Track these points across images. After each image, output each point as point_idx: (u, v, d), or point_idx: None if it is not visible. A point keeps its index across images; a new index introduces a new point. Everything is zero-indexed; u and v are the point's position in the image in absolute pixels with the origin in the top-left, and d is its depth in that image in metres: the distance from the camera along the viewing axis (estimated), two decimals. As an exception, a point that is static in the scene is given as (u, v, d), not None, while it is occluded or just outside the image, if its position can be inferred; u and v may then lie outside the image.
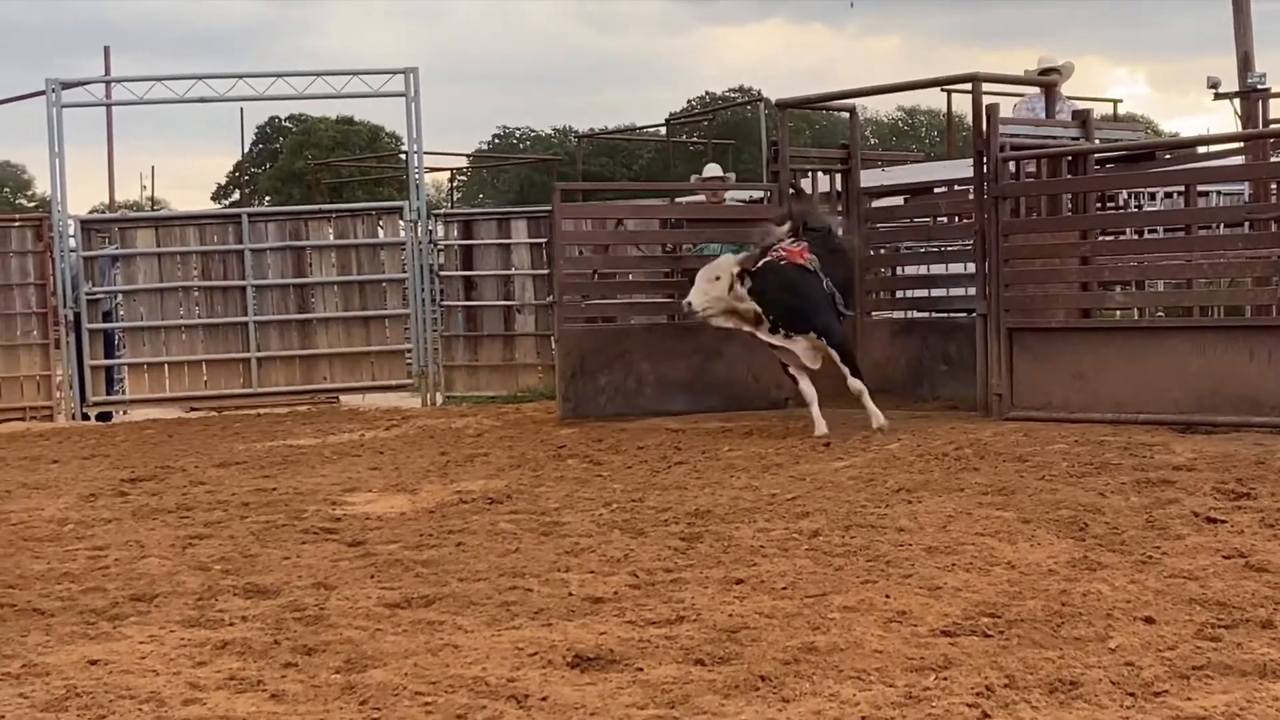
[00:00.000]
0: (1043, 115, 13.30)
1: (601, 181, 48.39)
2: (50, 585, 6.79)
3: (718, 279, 11.56)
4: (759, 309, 11.68)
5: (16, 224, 17.27)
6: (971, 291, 12.72)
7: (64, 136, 16.66)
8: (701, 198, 16.93)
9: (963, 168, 14.29)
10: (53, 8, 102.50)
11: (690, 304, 11.66)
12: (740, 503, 8.30)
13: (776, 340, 11.85)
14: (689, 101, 66.27)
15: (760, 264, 11.79)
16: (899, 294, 14.68)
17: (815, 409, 11.70)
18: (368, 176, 43.39)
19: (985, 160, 12.15)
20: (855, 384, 11.73)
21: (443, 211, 20.22)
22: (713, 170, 17.43)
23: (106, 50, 27.25)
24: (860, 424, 11.56)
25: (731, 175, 16.43)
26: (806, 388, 11.87)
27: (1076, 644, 5.11)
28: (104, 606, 6.26)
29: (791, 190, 13.85)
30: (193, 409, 17.00)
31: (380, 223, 17.50)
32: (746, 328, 11.91)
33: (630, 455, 10.75)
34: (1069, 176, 12.33)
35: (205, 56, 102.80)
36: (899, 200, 15.03)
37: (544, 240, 16.93)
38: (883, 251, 14.73)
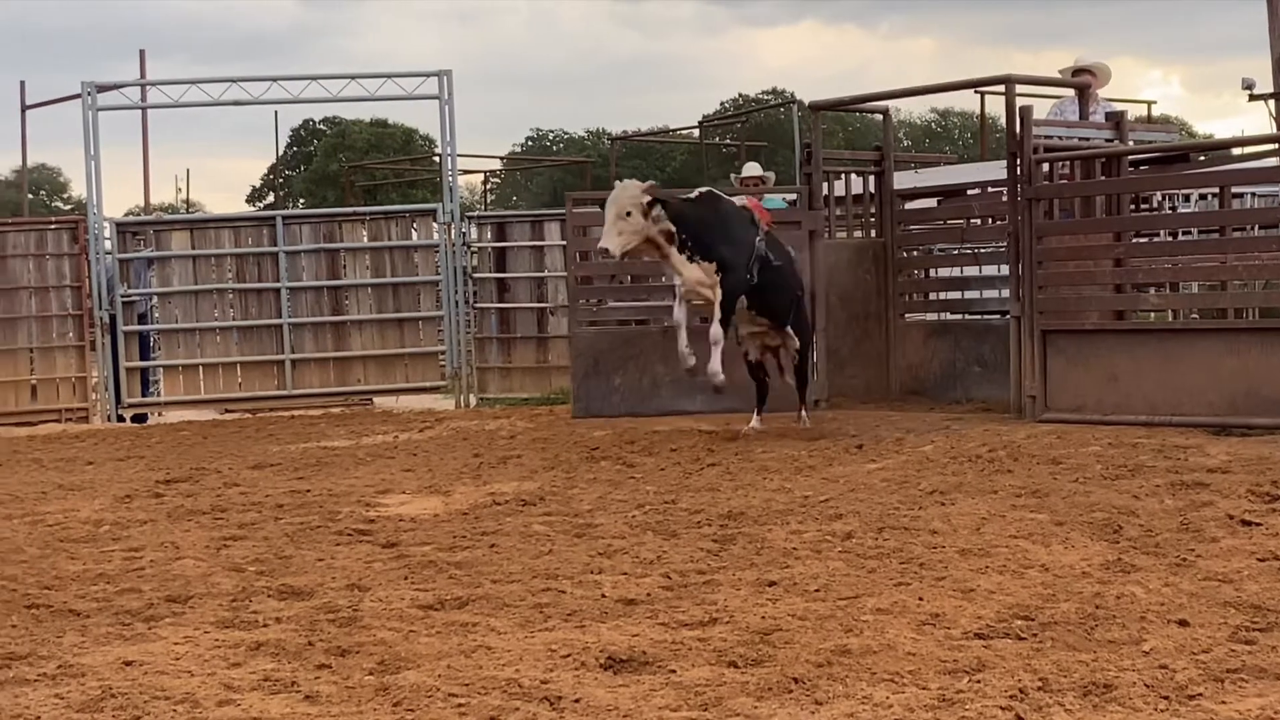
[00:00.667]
0: (1076, 117, 13.25)
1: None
2: (86, 586, 6.82)
3: (629, 214, 10.96)
4: (673, 229, 11.20)
5: (53, 226, 17.39)
6: (1005, 294, 12.70)
7: (100, 139, 16.76)
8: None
9: (996, 169, 14.25)
10: (89, 12, 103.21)
11: (607, 249, 11.01)
12: (773, 505, 8.29)
13: (681, 263, 11.28)
14: (722, 104, 66.35)
15: (697, 193, 11.59)
16: (932, 296, 14.65)
17: (682, 335, 11.46)
18: (401, 179, 43.53)
19: (1019, 162, 12.12)
20: (715, 330, 11.31)
21: (476, 214, 20.25)
22: (752, 170, 17.43)
23: (142, 54, 27.36)
24: (895, 425, 11.54)
25: (771, 175, 16.40)
26: (679, 314, 11.50)
27: (1110, 647, 5.09)
28: (139, 607, 6.28)
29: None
30: (227, 411, 17.08)
31: (414, 225, 17.57)
32: (660, 254, 11.43)
33: (663, 457, 10.76)
34: (1103, 178, 12.28)
35: (240, 60, 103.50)
36: (932, 202, 15.01)
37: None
38: (916, 254, 14.72)
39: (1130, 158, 12.61)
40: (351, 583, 6.64)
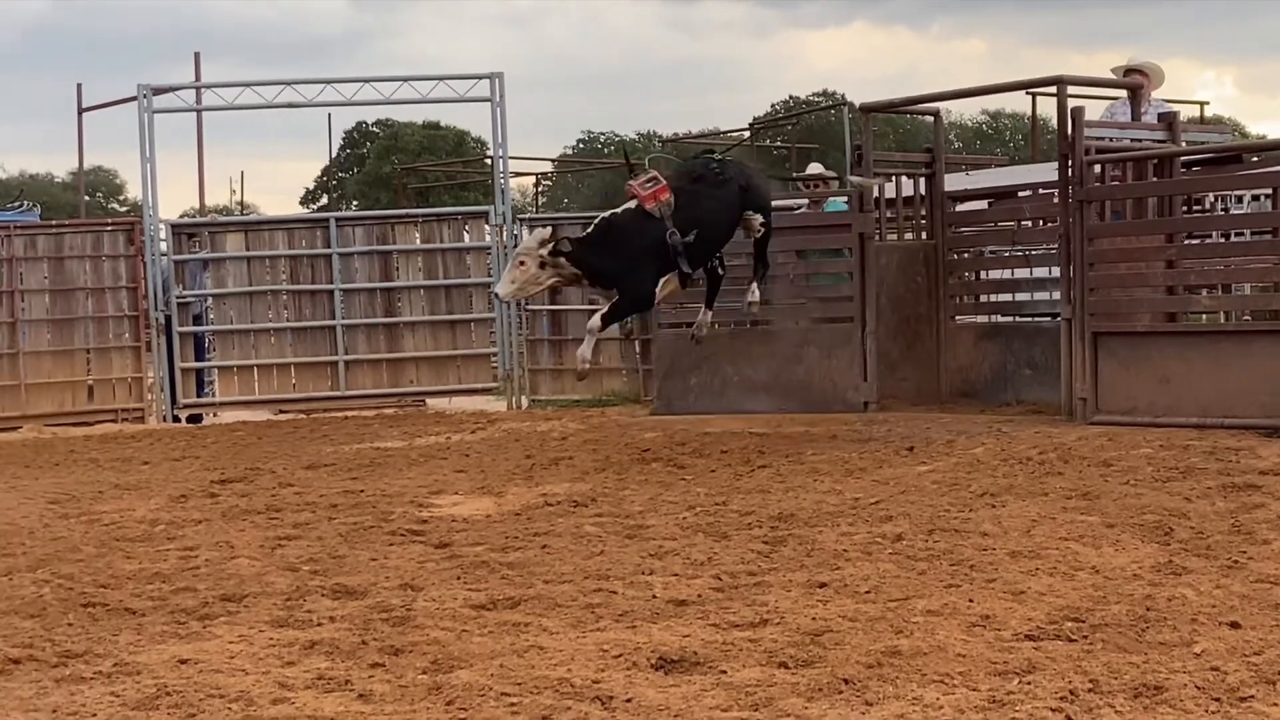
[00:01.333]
0: (1128, 119, 13.19)
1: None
2: (142, 585, 6.90)
3: (523, 263, 10.92)
4: (578, 271, 11.04)
5: (109, 228, 17.52)
6: (1056, 296, 12.65)
7: (155, 142, 16.89)
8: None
9: (1047, 171, 14.19)
10: (144, 16, 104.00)
11: (496, 294, 11.54)
12: (823, 506, 8.30)
13: (599, 293, 11.48)
14: (772, 105, 66.17)
15: (608, 216, 11.23)
16: (983, 298, 14.61)
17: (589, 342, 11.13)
18: (453, 181, 43.65)
19: (1070, 163, 12.07)
20: (593, 321, 11.01)
21: (527, 216, 20.33)
22: (815, 169, 17.38)
23: (197, 57, 27.52)
24: (946, 427, 11.52)
25: (833, 174, 16.40)
26: (594, 320, 11.11)
27: (1161, 649, 5.09)
28: (194, 606, 6.35)
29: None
30: (282, 411, 17.19)
31: (466, 227, 17.65)
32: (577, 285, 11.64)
33: (714, 459, 10.77)
34: (1155, 180, 12.22)
35: (294, 62, 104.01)
36: (983, 204, 14.96)
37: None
38: (967, 256, 14.68)
39: (1182, 159, 12.53)
40: (405, 582, 6.69)
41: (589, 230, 11.24)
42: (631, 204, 10.99)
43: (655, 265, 10.95)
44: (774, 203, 15.35)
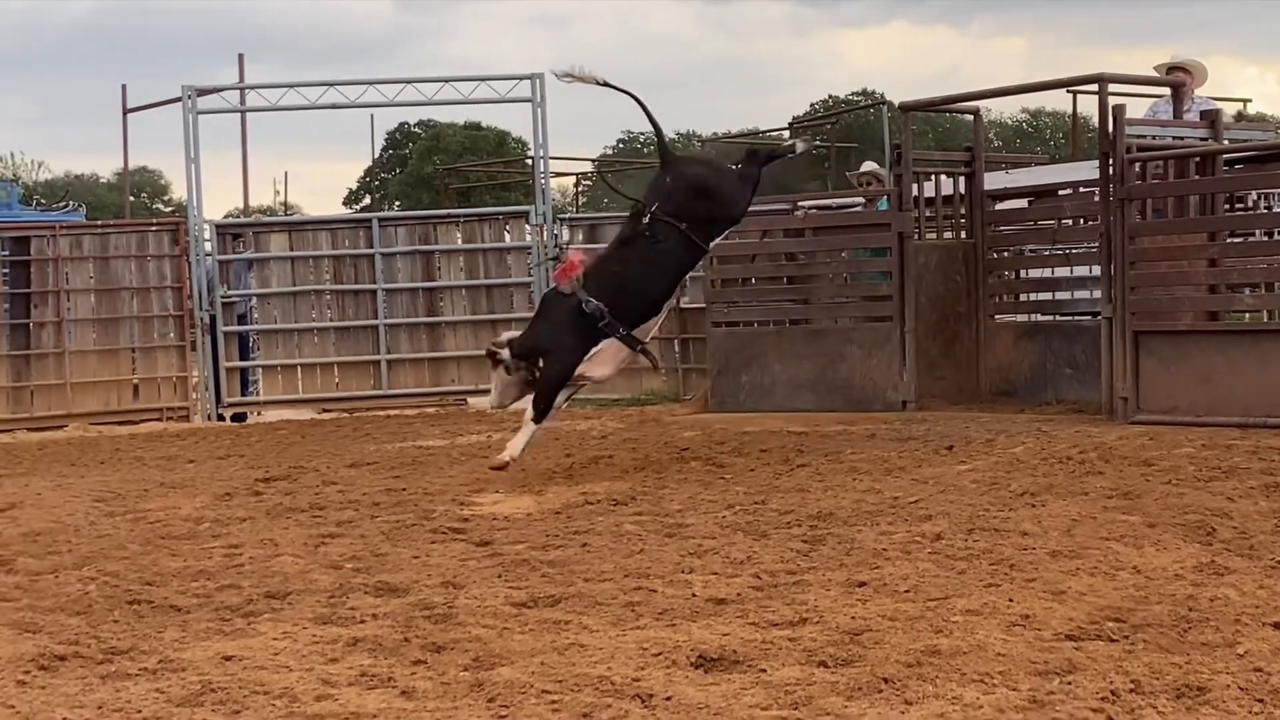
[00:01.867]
0: (1170, 117, 13.12)
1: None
2: (186, 582, 6.95)
3: (495, 369, 10.60)
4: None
5: (154, 228, 17.67)
6: (1096, 294, 12.60)
7: (199, 142, 17.03)
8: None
9: (1088, 169, 14.14)
10: (189, 17, 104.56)
11: (493, 406, 10.98)
12: (862, 505, 8.29)
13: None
14: (812, 105, 66.08)
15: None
16: (1023, 297, 14.58)
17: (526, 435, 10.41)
18: (494, 181, 43.77)
19: (1111, 162, 12.02)
20: (528, 417, 10.39)
21: (568, 216, 20.38)
22: (868, 167, 17.36)
23: (241, 58, 27.76)
24: (985, 427, 11.49)
25: (884, 172, 16.38)
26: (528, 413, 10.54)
27: (1204, 649, 5.07)
28: (239, 603, 6.39)
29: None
30: (325, 410, 17.29)
31: (507, 227, 17.73)
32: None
33: (753, 458, 10.78)
34: (1197, 178, 12.16)
35: (337, 63, 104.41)
36: (1023, 203, 14.92)
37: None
38: (1007, 255, 14.65)
39: (1225, 156, 12.46)
40: (446, 580, 6.73)
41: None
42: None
43: (576, 338, 10.45)
44: (811, 201, 15.43)
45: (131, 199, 45.48)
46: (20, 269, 16.70)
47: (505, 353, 10.45)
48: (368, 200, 66.47)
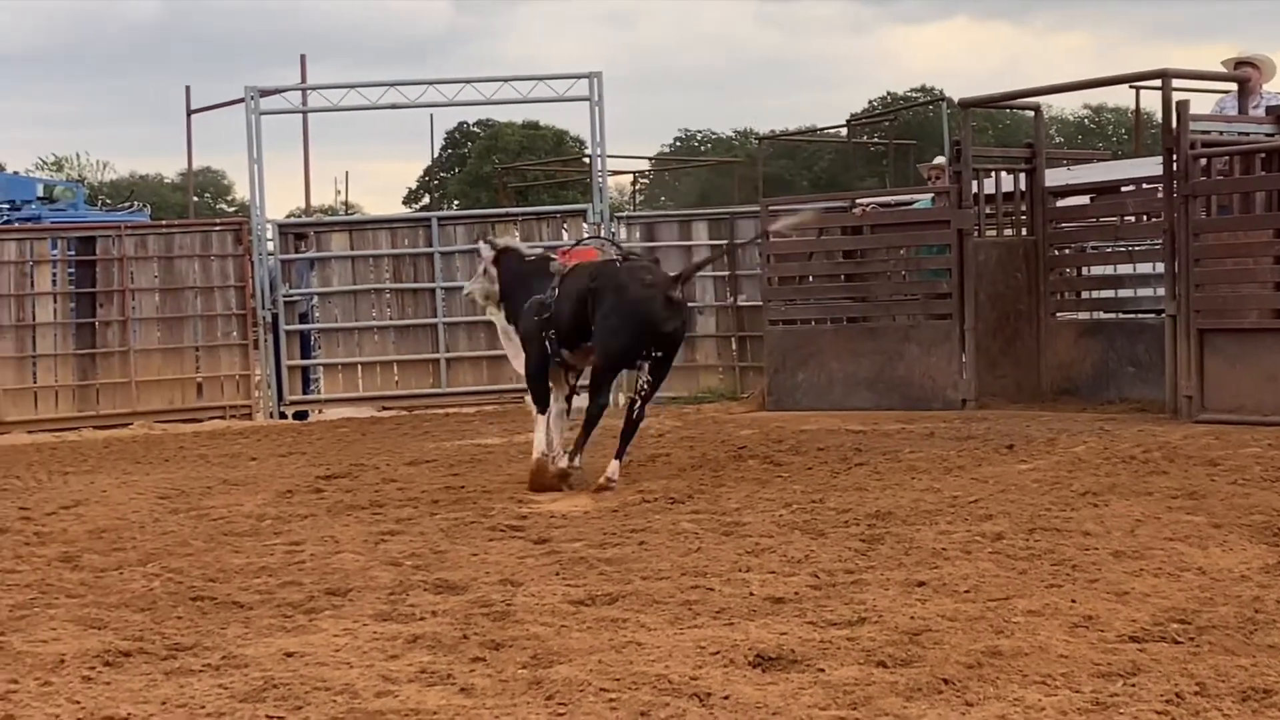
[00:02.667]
0: (1236, 112, 12.99)
1: (781, 184, 48.28)
2: (249, 579, 6.99)
3: None
4: None
5: (217, 228, 17.81)
6: (1160, 292, 12.50)
7: (262, 143, 17.16)
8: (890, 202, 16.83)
9: (1151, 166, 14.04)
10: (251, 18, 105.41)
11: None
12: (921, 505, 8.25)
13: None
14: (870, 102, 65.84)
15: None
16: (1085, 295, 14.49)
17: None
18: (552, 180, 43.87)
19: (1175, 158, 11.92)
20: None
21: (625, 214, 20.40)
22: (941, 161, 17.32)
23: (303, 59, 28.01)
24: (1047, 425, 11.41)
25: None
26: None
27: (1270, 651, 5.01)
28: (300, 600, 6.43)
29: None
30: (385, 408, 17.38)
31: (564, 225, 17.75)
32: None
33: (810, 456, 10.75)
34: (1263, 173, 12.03)
35: (397, 64, 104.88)
36: (1085, 199, 14.82)
37: (724, 242, 17.07)
38: (1068, 252, 14.56)
39: (1292, 152, 12.32)
40: (505, 578, 6.74)
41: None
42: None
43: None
44: (869, 198, 15.39)
45: (195, 199, 45.87)
46: (86, 268, 16.87)
47: None
48: (427, 199, 66.69)
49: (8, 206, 24.56)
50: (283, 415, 16.97)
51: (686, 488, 9.45)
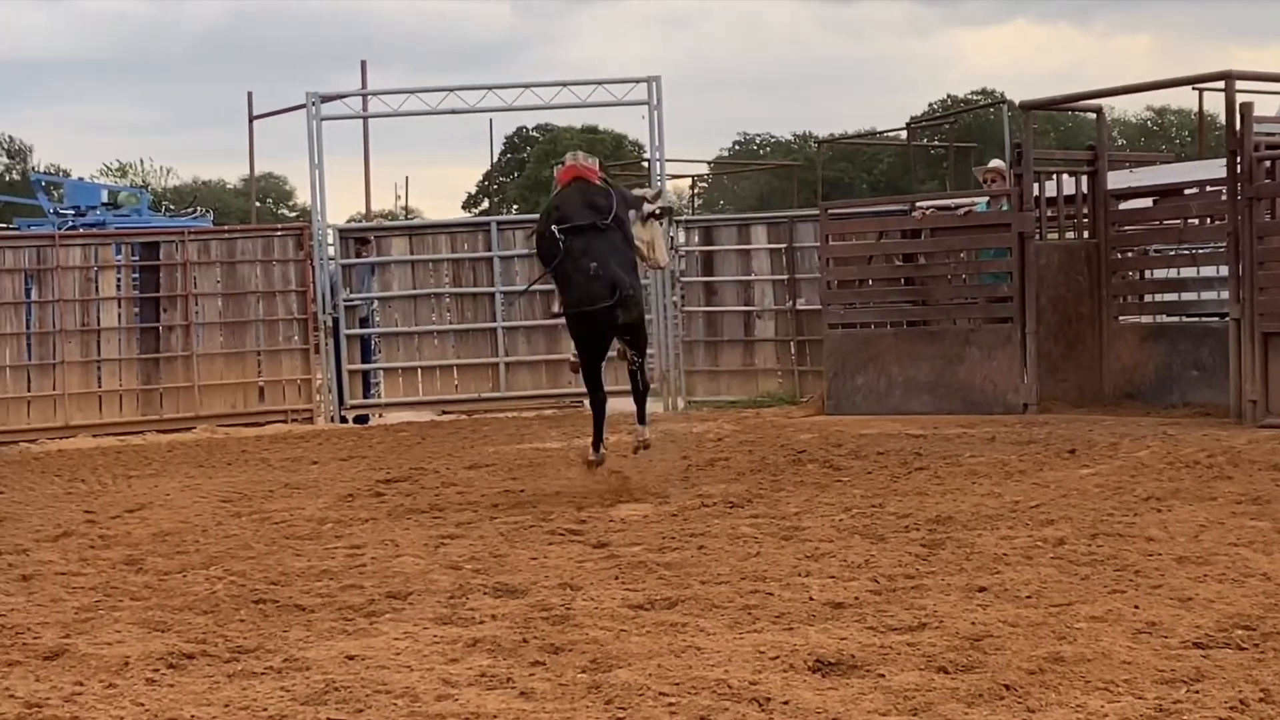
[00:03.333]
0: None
1: (840, 187, 48.14)
2: (310, 582, 7.04)
3: None
4: None
5: (279, 233, 17.92)
6: (1224, 295, 12.39)
7: (323, 148, 17.26)
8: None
9: (1215, 168, 13.91)
10: (312, 24, 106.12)
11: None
12: (982, 509, 8.22)
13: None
14: (930, 105, 65.59)
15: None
16: (1148, 298, 14.38)
17: None
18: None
19: (1239, 160, 11.81)
20: None
21: (684, 218, 20.40)
22: (997, 164, 17.25)
23: (363, 65, 28.05)
24: (1109, 430, 11.33)
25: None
26: None
27: (1336, 658, 4.97)
28: (361, 603, 6.46)
29: None
30: (444, 412, 17.45)
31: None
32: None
33: (870, 461, 10.72)
34: (1329, 176, 11.91)
35: (457, 69, 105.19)
36: (1148, 202, 14.71)
37: (783, 246, 17.06)
38: (1130, 255, 14.46)
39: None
40: (564, 582, 6.76)
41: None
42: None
43: None
44: (929, 202, 15.30)
45: (257, 204, 46.20)
46: (150, 273, 17.04)
47: None
48: (486, 204, 66.97)
49: (73, 212, 24.83)
50: (343, 419, 17.05)
51: (745, 492, 9.44)
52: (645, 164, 17.88)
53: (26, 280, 16.56)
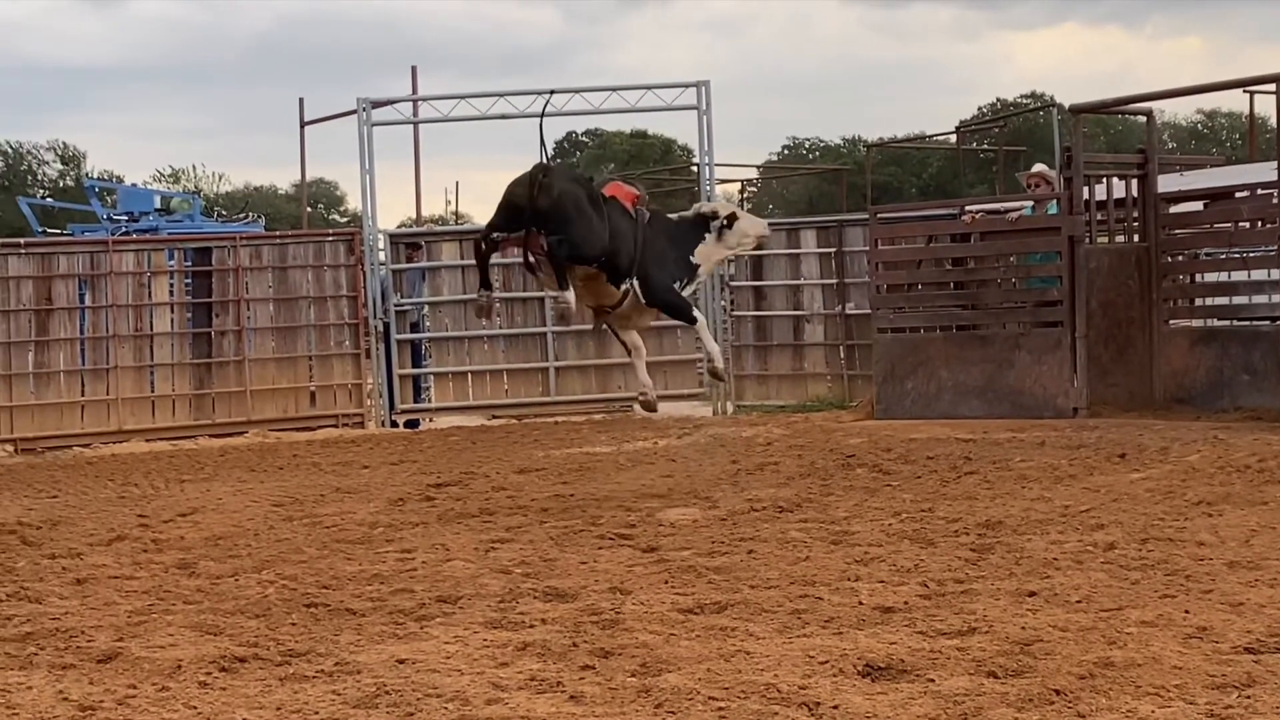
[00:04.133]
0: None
1: (889, 191, 48.00)
2: (361, 586, 7.08)
3: None
4: None
5: (330, 238, 18.03)
6: (1275, 299, 12.31)
7: (374, 153, 17.36)
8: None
9: (1266, 171, 13.83)
10: (363, 30, 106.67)
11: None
12: (1032, 514, 8.20)
13: None
14: (979, 109, 65.34)
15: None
16: (1198, 302, 14.30)
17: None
18: (660, 189, 43.91)
19: (1292, 163, 11.73)
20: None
21: (733, 222, 20.38)
22: (1040, 169, 17.18)
23: (414, 70, 28.11)
24: (1160, 434, 11.26)
25: (1053, 173, 16.18)
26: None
27: (1388, 665, 4.94)
28: (412, 607, 6.49)
29: None
30: (494, 416, 17.51)
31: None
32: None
33: (919, 465, 10.70)
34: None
35: (506, 74, 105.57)
36: (1198, 205, 14.63)
37: (832, 250, 17.05)
38: (1181, 258, 14.38)
39: None
40: (613, 586, 6.78)
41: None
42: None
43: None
44: (978, 205, 15.25)
45: (308, 209, 46.47)
46: (202, 279, 17.17)
47: None
48: (536, 208, 67.08)
49: (126, 218, 25.04)
50: (394, 423, 17.14)
51: (795, 496, 9.45)
52: (694, 168, 17.86)
53: (80, 285, 16.72)
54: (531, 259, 9.91)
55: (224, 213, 44.94)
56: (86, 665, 5.60)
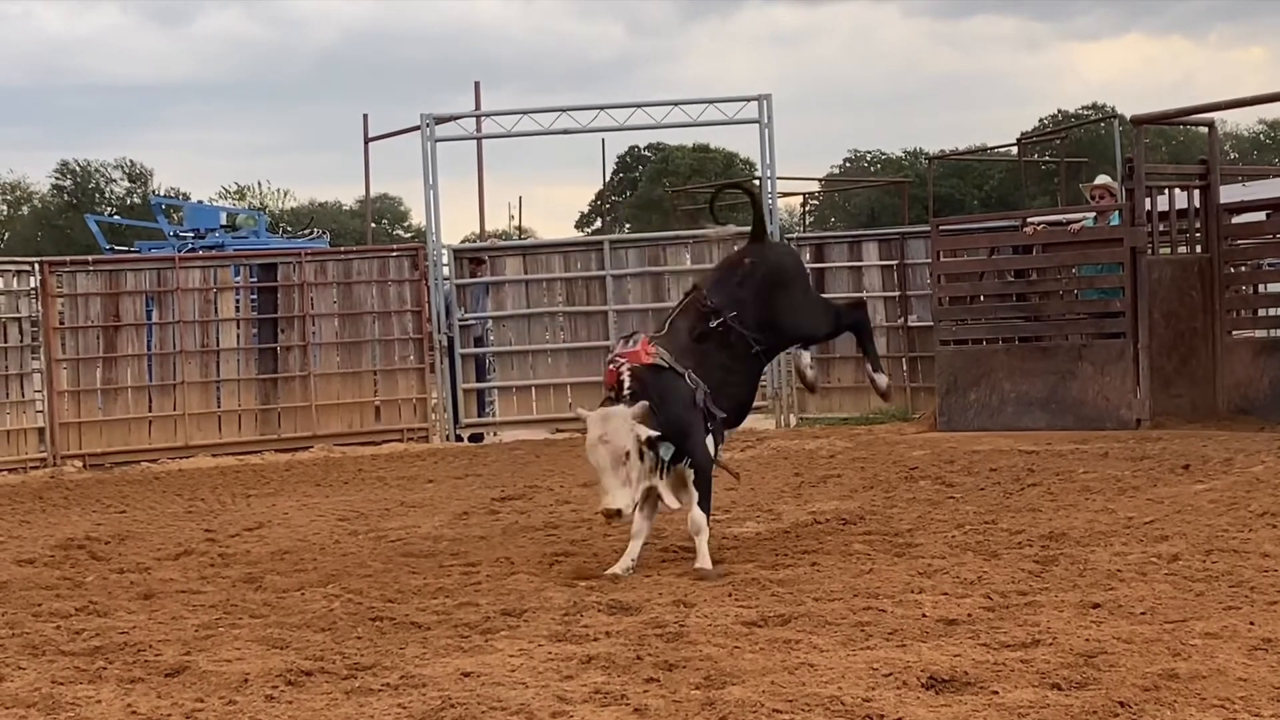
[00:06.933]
0: None
1: (951, 203, 47.80)
2: (426, 600, 7.14)
3: (626, 456, 7.74)
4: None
5: (394, 254, 18.13)
6: (1343, 309, 12.19)
7: (438, 169, 17.45)
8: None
9: (1333, 180, 13.71)
10: (427, 46, 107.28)
11: (620, 511, 7.61)
12: (1096, 526, 8.17)
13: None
14: (1041, 120, 64.93)
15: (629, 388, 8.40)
16: (1262, 312, 14.19)
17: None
18: (723, 203, 43.96)
19: (1358, 171, 11.63)
20: (697, 517, 7.88)
21: (795, 235, 20.39)
22: (1103, 180, 17.10)
23: (477, 86, 28.26)
24: (1223, 445, 11.18)
25: (1117, 184, 16.11)
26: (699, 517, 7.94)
27: None
28: (476, 620, 6.54)
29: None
30: (558, 430, 17.55)
31: (735, 248, 17.76)
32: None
33: (982, 477, 10.67)
34: None
35: (568, 89, 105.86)
36: (1261, 216, 14.52)
37: (894, 262, 17.02)
38: (1244, 269, 14.27)
39: None
40: (677, 599, 6.81)
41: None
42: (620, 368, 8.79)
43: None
44: (1040, 217, 15.17)
45: (373, 225, 46.78)
46: (268, 294, 17.31)
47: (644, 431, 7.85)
48: (599, 223, 67.30)
49: (192, 234, 25.29)
50: (458, 438, 17.22)
51: (858, 509, 9.45)
52: (757, 182, 17.87)
53: (148, 302, 16.88)
54: None
55: (289, 229, 45.28)
56: (154, 679, 5.68)
